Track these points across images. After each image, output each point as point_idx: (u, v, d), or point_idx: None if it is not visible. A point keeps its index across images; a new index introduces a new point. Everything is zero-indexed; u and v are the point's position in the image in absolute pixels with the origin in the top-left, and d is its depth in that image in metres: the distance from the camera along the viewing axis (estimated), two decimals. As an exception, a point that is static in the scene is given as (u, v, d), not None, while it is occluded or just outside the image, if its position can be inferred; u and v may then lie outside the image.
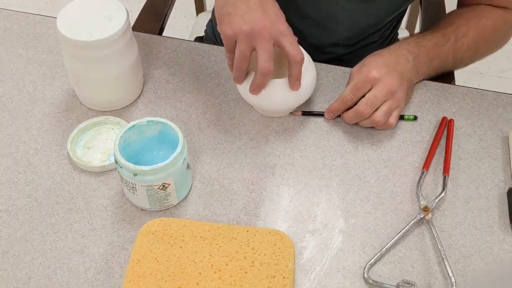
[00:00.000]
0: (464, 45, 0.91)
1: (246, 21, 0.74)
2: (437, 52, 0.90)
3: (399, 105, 0.85)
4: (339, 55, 1.07)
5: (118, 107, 0.90)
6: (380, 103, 0.83)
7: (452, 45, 0.91)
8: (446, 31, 0.91)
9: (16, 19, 1.03)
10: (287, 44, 0.76)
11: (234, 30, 0.75)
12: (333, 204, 0.80)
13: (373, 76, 0.83)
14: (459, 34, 0.91)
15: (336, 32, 1.02)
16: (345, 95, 0.85)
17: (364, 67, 0.86)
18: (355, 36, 1.03)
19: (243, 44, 0.76)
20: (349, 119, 0.86)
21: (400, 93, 0.84)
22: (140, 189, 0.74)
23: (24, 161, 0.84)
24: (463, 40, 0.91)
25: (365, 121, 0.85)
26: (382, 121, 0.84)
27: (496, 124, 0.89)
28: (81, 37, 0.79)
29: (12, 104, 0.91)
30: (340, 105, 0.86)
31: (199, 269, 0.70)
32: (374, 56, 0.88)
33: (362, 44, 1.06)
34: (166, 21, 1.19)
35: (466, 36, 0.91)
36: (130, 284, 0.69)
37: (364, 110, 0.83)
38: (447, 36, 0.91)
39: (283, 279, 0.69)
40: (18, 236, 0.76)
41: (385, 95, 0.83)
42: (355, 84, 0.84)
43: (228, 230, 0.74)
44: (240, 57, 0.77)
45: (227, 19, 0.76)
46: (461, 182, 0.82)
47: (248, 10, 0.75)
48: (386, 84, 0.83)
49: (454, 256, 0.75)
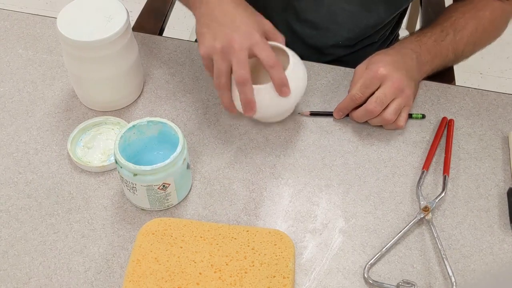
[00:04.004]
0: (464, 39, 0.92)
1: (217, 38, 0.76)
2: (438, 50, 0.90)
3: (408, 103, 0.85)
4: (339, 56, 1.07)
5: (118, 107, 0.90)
6: (390, 101, 0.83)
7: (451, 39, 0.91)
8: (444, 26, 0.92)
9: (16, 19, 1.03)
10: (258, 52, 0.76)
11: (208, 49, 0.77)
12: (333, 204, 0.80)
13: (382, 73, 0.83)
14: (457, 27, 0.92)
15: (336, 33, 1.02)
16: (354, 94, 0.85)
17: (371, 65, 0.86)
18: (355, 37, 1.04)
19: (218, 61, 0.77)
20: (358, 117, 0.86)
21: (408, 90, 0.84)
22: (140, 189, 0.74)
23: (24, 161, 0.84)
24: (462, 34, 0.91)
25: (375, 119, 0.85)
26: (392, 119, 0.84)
27: (496, 124, 0.89)
28: (81, 37, 0.79)
29: (12, 104, 0.91)
30: (349, 104, 0.86)
31: (199, 269, 0.70)
32: (380, 55, 0.88)
33: (362, 45, 1.06)
34: (166, 21, 1.19)
35: (464, 29, 0.92)
36: (130, 284, 0.69)
37: (374, 108, 0.83)
38: (446, 31, 0.91)
39: (283, 279, 0.69)
40: (18, 236, 0.76)
41: (394, 92, 0.83)
42: (364, 82, 0.84)
43: (228, 230, 0.74)
44: (216, 73, 0.78)
45: (201, 40, 0.78)
46: (461, 182, 0.82)
47: (220, 28, 0.77)
48: (394, 81, 0.83)
49: (454, 256, 0.75)
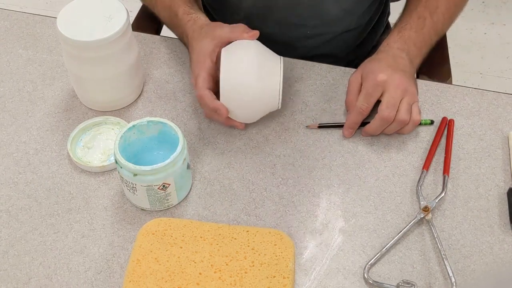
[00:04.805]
0: (440, 18, 0.92)
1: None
2: (422, 39, 0.91)
3: (415, 100, 0.84)
4: (316, 46, 1.06)
5: (118, 107, 0.90)
6: (399, 103, 0.83)
7: (430, 23, 0.91)
8: (419, 11, 0.92)
9: (16, 19, 1.03)
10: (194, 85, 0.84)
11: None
12: (333, 204, 0.80)
13: (382, 79, 0.83)
14: (431, 8, 0.92)
15: (301, 25, 1.02)
16: (360, 106, 0.84)
17: (368, 74, 0.85)
18: (322, 24, 1.03)
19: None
20: (375, 130, 0.84)
21: (411, 88, 0.84)
22: (140, 189, 0.74)
23: (24, 161, 0.84)
24: (437, 14, 0.92)
25: (390, 127, 0.84)
26: (407, 119, 0.83)
27: (496, 124, 0.89)
28: (81, 37, 0.79)
29: (12, 104, 0.91)
30: (357, 117, 0.85)
31: (199, 269, 0.70)
32: (373, 62, 0.88)
33: (336, 33, 1.05)
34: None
35: (438, 7, 0.92)
36: (130, 284, 0.69)
37: (388, 114, 0.82)
38: (422, 16, 0.91)
39: (283, 279, 0.69)
40: (18, 236, 0.76)
41: (400, 93, 0.83)
42: (366, 91, 0.84)
43: (228, 230, 0.74)
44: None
45: None
46: (461, 182, 0.82)
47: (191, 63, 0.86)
48: (397, 83, 0.83)
49: (454, 256, 0.75)
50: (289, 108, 0.90)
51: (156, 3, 0.97)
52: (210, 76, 0.83)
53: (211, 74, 0.83)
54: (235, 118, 0.84)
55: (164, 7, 0.95)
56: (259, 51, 0.82)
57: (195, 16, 0.90)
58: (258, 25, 0.87)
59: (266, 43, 0.84)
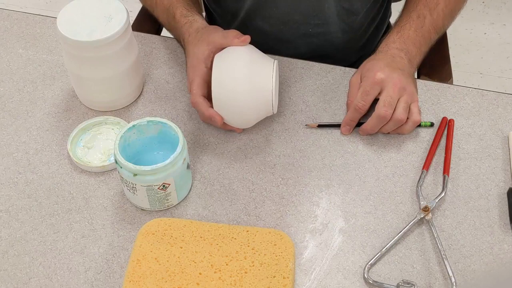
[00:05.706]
0: (440, 14, 0.92)
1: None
2: (421, 38, 0.90)
3: (414, 99, 0.84)
4: (318, 45, 1.06)
5: (118, 107, 0.90)
6: (396, 101, 0.83)
7: (429, 21, 0.91)
8: (418, 10, 0.92)
9: (16, 19, 1.03)
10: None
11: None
12: (333, 204, 0.80)
13: (380, 77, 0.83)
14: (431, 6, 0.92)
15: (303, 23, 1.02)
16: (357, 103, 0.84)
17: (366, 72, 0.85)
18: (324, 23, 1.02)
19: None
20: (371, 128, 0.85)
21: (409, 87, 0.84)
22: (140, 189, 0.74)
23: (24, 161, 0.84)
24: (437, 10, 0.92)
25: (387, 126, 0.84)
26: (404, 118, 0.83)
27: (496, 124, 0.89)
28: (81, 37, 0.79)
29: (12, 104, 0.91)
30: (354, 115, 0.85)
31: (199, 269, 0.70)
32: (371, 61, 0.88)
33: (337, 32, 1.05)
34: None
35: (438, 5, 0.92)
36: (130, 284, 0.69)
37: (385, 112, 0.82)
38: (422, 15, 0.91)
39: (283, 279, 0.69)
40: (18, 236, 0.76)
41: (398, 92, 0.83)
42: (364, 89, 0.84)
43: (228, 230, 0.74)
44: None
45: None
46: (461, 182, 0.82)
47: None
48: (395, 82, 0.83)
49: (454, 256, 0.75)
50: (289, 108, 0.90)
51: (156, 6, 0.97)
52: (204, 82, 0.83)
53: (206, 80, 0.83)
54: (231, 124, 0.84)
55: (163, 10, 0.95)
56: (250, 58, 0.81)
57: (191, 19, 0.90)
58: (260, 23, 0.87)
59: (267, 41, 0.84)
